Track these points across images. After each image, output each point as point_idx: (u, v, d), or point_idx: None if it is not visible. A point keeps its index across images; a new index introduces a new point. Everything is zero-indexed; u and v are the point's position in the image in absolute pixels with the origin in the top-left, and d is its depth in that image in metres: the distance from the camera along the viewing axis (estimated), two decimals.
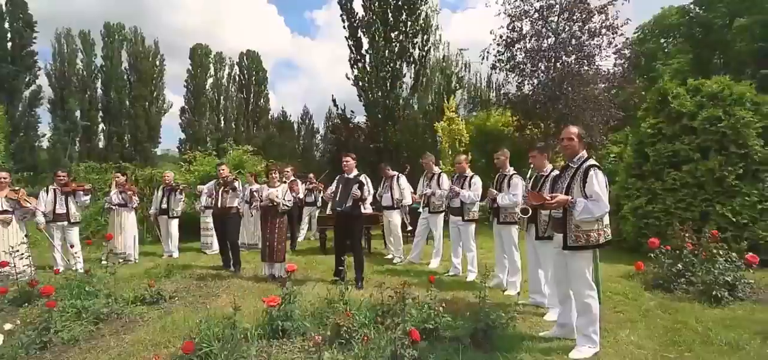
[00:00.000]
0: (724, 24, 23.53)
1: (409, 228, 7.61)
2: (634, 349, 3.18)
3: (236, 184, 6.21)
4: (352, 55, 10.69)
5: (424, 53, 10.79)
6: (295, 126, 35.79)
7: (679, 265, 4.57)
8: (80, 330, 3.69)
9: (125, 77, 34.00)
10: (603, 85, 10.26)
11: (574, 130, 3.12)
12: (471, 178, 5.59)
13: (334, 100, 11.54)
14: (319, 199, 9.59)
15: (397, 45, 10.67)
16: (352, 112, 12.91)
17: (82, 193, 6.53)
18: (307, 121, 35.63)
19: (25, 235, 5.64)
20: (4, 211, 5.49)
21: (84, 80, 31.63)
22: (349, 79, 11.32)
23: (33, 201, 5.80)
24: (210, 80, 38.83)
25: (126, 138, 33.98)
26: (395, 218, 6.92)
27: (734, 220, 5.57)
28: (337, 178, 5.47)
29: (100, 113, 32.47)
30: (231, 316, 3.18)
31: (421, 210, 6.43)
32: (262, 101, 40.52)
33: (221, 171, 6.29)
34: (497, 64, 10.82)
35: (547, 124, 10.54)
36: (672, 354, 3.11)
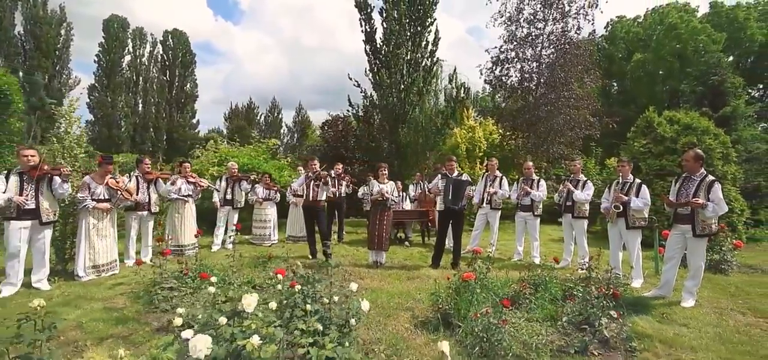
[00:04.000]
0: (624, 57, 28.87)
1: None
2: (715, 300, 4.74)
3: (328, 179, 6.58)
4: (371, 60, 11.33)
5: (432, 63, 11.86)
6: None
7: None
8: None
9: (19, 44, 28.78)
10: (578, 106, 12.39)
11: (691, 153, 4.54)
12: (538, 180, 6.88)
13: (349, 101, 11.94)
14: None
15: (409, 53, 11.58)
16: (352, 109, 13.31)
17: (162, 180, 6.28)
18: (275, 113, 33.82)
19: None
20: (106, 200, 5.15)
21: None
22: (351, 78, 11.85)
23: (134, 191, 5.49)
24: (127, 58, 34.77)
25: None
26: None
27: None
28: (444, 177, 6.13)
29: None
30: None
31: (483, 206, 7.48)
32: (188, 86, 37.57)
33: (313, 165, 6.59)
34: (493, 79, 12.41)
35: (529, 137, 12.42)
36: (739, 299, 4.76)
